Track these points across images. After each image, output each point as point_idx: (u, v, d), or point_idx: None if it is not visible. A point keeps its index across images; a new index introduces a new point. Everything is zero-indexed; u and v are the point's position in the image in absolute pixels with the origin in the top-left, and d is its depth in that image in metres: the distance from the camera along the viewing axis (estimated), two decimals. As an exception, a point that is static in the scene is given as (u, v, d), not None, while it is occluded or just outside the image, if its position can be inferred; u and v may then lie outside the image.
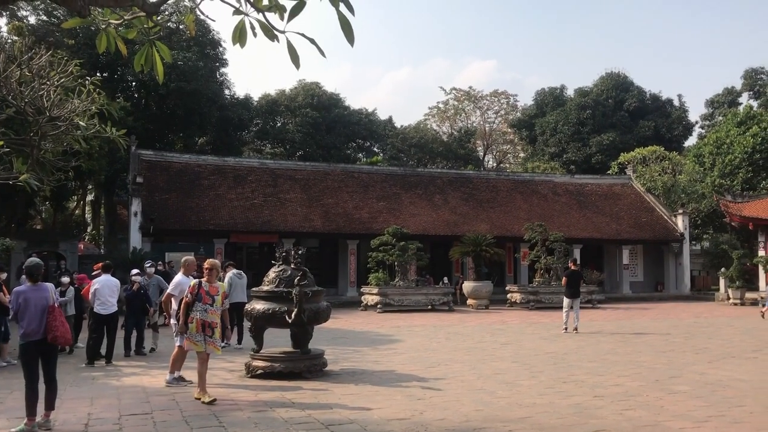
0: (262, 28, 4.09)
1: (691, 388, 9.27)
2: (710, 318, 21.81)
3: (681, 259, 34.88)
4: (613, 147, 49.46)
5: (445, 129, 60.61)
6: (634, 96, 54.00)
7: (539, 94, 59.08)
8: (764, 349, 13.58)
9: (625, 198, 37.27)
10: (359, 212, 30.91)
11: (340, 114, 51.00)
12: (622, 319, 21.22)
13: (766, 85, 55.81)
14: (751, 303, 27.62)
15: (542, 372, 10.66)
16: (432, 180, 34.95)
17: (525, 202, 34.74)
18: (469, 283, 26.90)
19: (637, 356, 12.52)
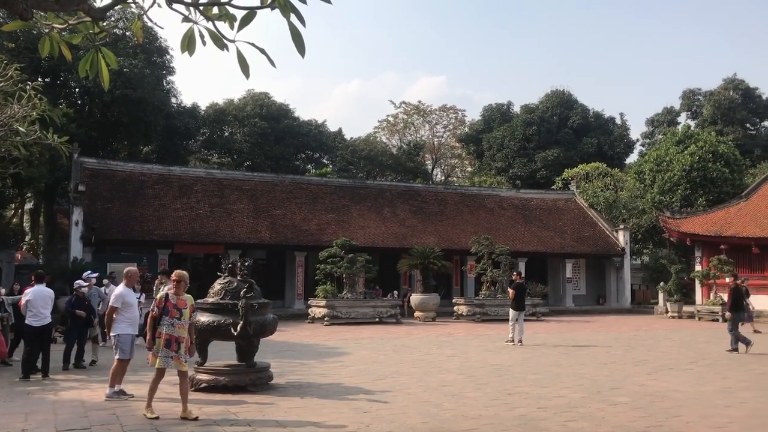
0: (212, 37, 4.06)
1: (631, 400, 9.49)
2: (650, 331, 22.38)
3: (622, 273, 35.77)
4: (557, 163, 50.54)
5: (394, 142, 60.99)
6: (578, 114, 55.35)
7: (487, 109, 60.02)
8: (700, 361, 14.01)
9: (569, 213, 38.07)
10: (308, 224, 30.76)
11: (290, 125, 50.78)
12: (565, 332, 21.60)
13: (703, 105, 57.94)
14: (688, 316, 28.49)
15: (487, 384, 10.76)
16: (381, 192, 35.05)
17: (472, 216, 35.14)
18: (417, 295, 27.03)
19: (579, 368, 12.75)
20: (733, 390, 10.40)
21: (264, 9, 3.88)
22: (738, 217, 30.17)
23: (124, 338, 9.58)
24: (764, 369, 12.90)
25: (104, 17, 4.49)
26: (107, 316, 9.95)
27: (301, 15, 3.86)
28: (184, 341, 8.37)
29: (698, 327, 24.16)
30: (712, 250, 29.91)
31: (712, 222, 30.75)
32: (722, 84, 57.65)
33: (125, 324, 9.66)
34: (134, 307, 9.96)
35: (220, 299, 10.07)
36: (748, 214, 29.96)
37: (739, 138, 51.83)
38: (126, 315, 9.70)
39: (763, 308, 27.79)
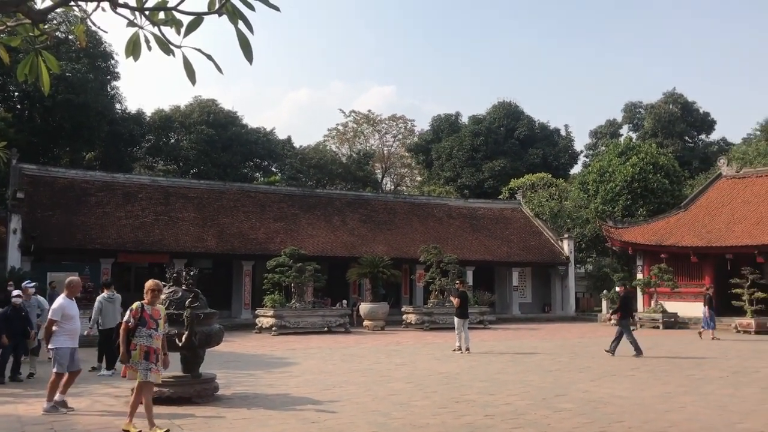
0: (158, 42, 3.99)
1: (576, 406, 9.66)
2: (593, 338, 22.85)
3: (567, 281, 36.48)
4: (504, 173, 51.31)
5: (344, 151, 60.97)
6: (524, 125, 56.35)
7: (435, 120, 60.61)
8: (641, 368, 14.37)
9: (515, 222, 38.67)
10: (255, 232, 30.44)
11: (237, 132, 50.24)
12: (511, 339, 21.88)
13: (644, 118, 59.70)
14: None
15: (435, 392, 10.81)
16: (330, 201, 34.97)
17: (421, 225, 35.36)
18: (366, 304, 27.01)
19: (525, 375, 12.93)
20: (672, 395, 10.70)
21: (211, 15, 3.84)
22: (677, 226, 31.13)
23: (63, 352, 9.30)
24: (702, 374, 13.31)
25: (45, 20, 4.37)
26: (46, 328, 9.63)
27: (248, 22, 3.83)
28: (161, 352, 8.19)
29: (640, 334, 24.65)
30: (653, 259, 30.77)
31: (653, 231, 31.65)
32: (662, 98, 59.52)
33: (64, 337, 9.37)
34: (75, 319, 9.67)
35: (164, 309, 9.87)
36: (686, 224, 30.95)
37: (678, 150, 53.58)
38: (66, 327, 9.42)
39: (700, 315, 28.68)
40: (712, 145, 59.17)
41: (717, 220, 29.95)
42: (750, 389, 11.37)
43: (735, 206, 30.59)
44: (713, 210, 31.12)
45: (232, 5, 3.78)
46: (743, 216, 29.26)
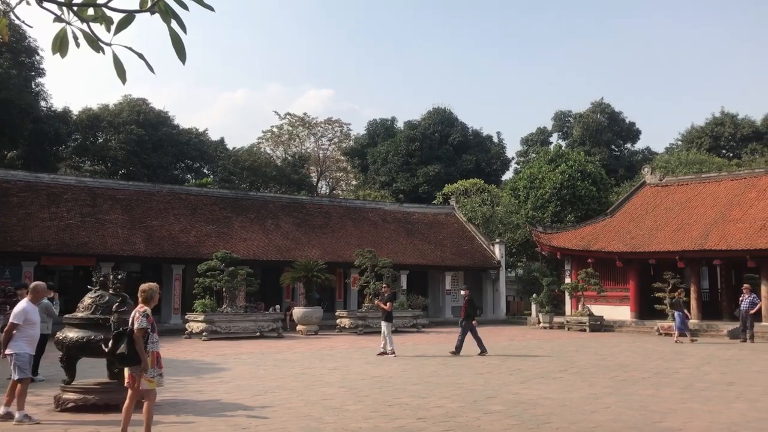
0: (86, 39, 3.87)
1: (506, 408, 9.85)
2: (523, 341, 23.35)
3: (498, 285, 37.14)
4: (438, 178, 51.91)
5: (279, 153, 60.44)
6: (458, 131, 57.16)
7: (371, 124, 60.83)
8: (569, 369, 14.77)
9: (449, 227, 39.16)
10: (186, 236, 29.82)
11: (169, 132, 49.16)
12: (444, 343, 22.10)
13: (573, 127, 61.42)
14: (558, 326, 29.97)
15: (368, 396, 10.83)
16: (264, 204, 34.59)
17: (356, 229, 35.38)
18: (299, 308, 26.82)
19: (457, 378, 13.10)
20: (598, 396, 11.04)
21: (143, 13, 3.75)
22: (604, 232, 32.14)
23: (23, 357, 8.95)
24: (626, 376, 13.77)
25: (-36, 12, 4.18)
26: (6, 332, 9.18)
27: (182, 21, 3.76)
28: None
29: (568, 337, 25.47)
30: (581, 264, 31.66)
31: (581, 237, 32.58)
32: (590, 107, 61.36)
33: (24, 342, 9.00)
34: (37, 325, 9.31)
35: (90, 314, 9.58)
36: (612, 230, 31.99)
37: (605, 158, 55.32)
38: (27, 332, 9.05)
39: (624, 318, 29.76)
40: (637, 154, 61.36)
41: (641, 227, 31.06)
42: (670, 389, 11.83)
43: (658, 213, 31.80)
44: (637, 217, 32.27)
45: (165, 4, 3.71)
46: (665, 222, 30.45)
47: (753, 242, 25.75)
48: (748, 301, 22.93)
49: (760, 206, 28.15)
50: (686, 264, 28.48)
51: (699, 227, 28.59)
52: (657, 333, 25.91)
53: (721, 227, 27.82)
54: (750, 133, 57.10)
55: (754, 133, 56.97)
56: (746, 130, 57.37)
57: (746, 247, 25.79)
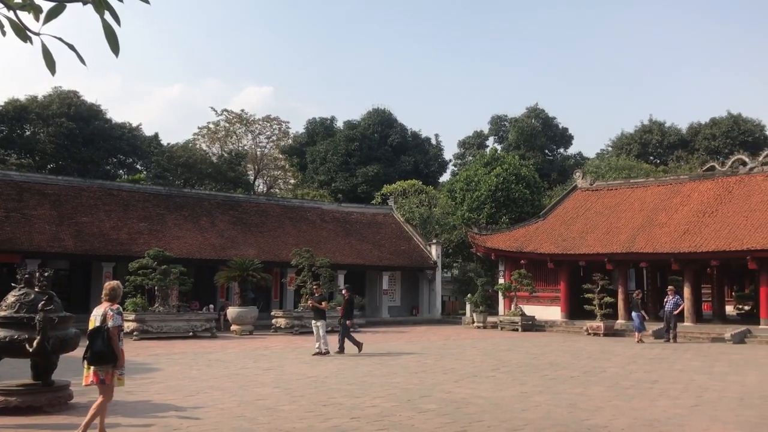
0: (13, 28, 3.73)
1: (439, 407, 9.98)
2: (458, 340, 23.66)
3: (434, 285, 37.53)
4: (377, 179, 52.11)
5: (215, 150, 59.40)
6: (397, 132, 57.50)
7: (311, 123, 60.58)
8: (501, 368, 15.06)
9: (387, 227, 39.34)
10: (117, 233, 29.02)
11: (101, 127, 47.73)
12: (380, 342, 22.22)
13: (509, 131, 62.64)
14: (492, 326, 30.48)
15: (303, 396, 10.79)
16: (199, 202, 33.97)
17: (294, 228, 35.13)
18: (234, 308, 26.47)
19: (392, 377, 13.18)
20: (529, 394, 11.30)
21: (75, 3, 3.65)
22: (536, 234, 32.87)
23: None
24: (556, 374, 14.13)
25: None
26: None
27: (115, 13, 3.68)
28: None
29: (501, 336, 25.94)
30: (514, 265, 32.30)
31: (514, 239, 33.23)
32: (525, 112, 62.72)
33: None
34: None
35: (14, 312, 9.22)
36: (545, 232, 32.75)
37: (538, 162, 56.67)
38: None
39: (555, 318, 30.52)
40: (569, 158, 63.03)
41: (572, 229, 31.91)
42: (598, 388, 12.21)
43: (588, 216, 32.74)
44: (569, 220, 33.14)
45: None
46: (595, 226, 31.38)
47: (677, 246, 26.80)
48: (672, 302, 23.83)
49: (684, 211, 29.32)
50: (614, 266, 29.40)
51: (627, 231, 29.56)
52: (586, 333, 26.65)
53: (647, 231, 28.83)
54: (676, 140, 59.48)
55: (679, 141, 59.36)
56: (672, 138, 59.73)
57: (671, 250, 26.81)
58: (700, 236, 26.75)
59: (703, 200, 29.53)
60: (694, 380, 13.40)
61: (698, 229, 27.35)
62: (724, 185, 29.92)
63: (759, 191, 28.20)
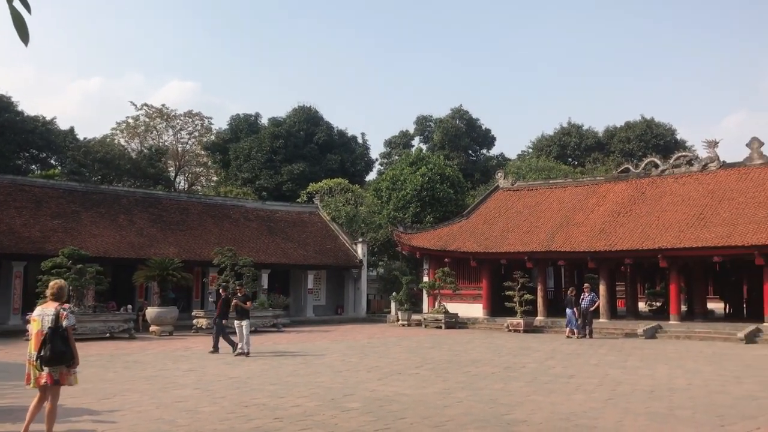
0: None
1: (363, 405, 9.99)
2: (382, 338, 23.78)
3: (359, 283, 37.59)
4: (303, 177, 51.76)
5: (134, 146, 57.55)
6: (323, 130, 57.27)
7: (234, 119, 59.56)
8: (425, 366, 15.22)
9: (312, 226, 39.12)
10: (29, 230, 27.72)
11: (11, 119, 45.54)
12: (305, 342, 22.08)
13: (434, 131, 63.42)
14: (416, 324, 30.78)
15: (225, 397, 10.60)
16: (117, 199, 32.85)
17: (216, 226, 34.45)
18: (153, 308, 25.75)
19: (316, 377, 13.12)
20: (451, 391, 11.46)
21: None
22: (460, 233, 33.40)
23: None
24: (477, 371, 14.40)
25: None
26: None
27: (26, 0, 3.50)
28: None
29: (425, 334, 26.22)
30: (438, 263, 32.73)
31: (439, 237, 33.66)
32: (450, 113, 63.64)
33: None
34: None
35: None
36: (468, 231, 33.31)
37: (462, 162, 57.66)
38: None
39: (478, 315, 31.10)
40: (492, 159, 64.37)
41: (494, 228, 32.58)
42: (518, 383, 12.51)
43: (509, 216, 33.50)
44: (491, 219, 33.82)
45: (5, -21, 3.44)
46: (516, 225, 32.14)
47: (593, 245, 27.76)
48: (588, 299, 24.69)
49: (599, 211, 30.40)
50: (534, 264, 30.20)
51: (546, 230, 30.41)
52: (507, 329, 27.26)
53: (565, 230, 29.75)
54: (593, 143, 61.67)
55: (596, 144, 61.59)
56: (590, 141, 61.91)
57: (587, 249, 27.75)
58: (614, 235, 27.80)
59: (618, 201, 30.69)
60: (609, 374, 13.91)
61: (613, 228, 28.42)
62: (638, 186, 31.19)
63: (670, 192, 29.53)
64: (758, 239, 23.35)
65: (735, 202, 26.46)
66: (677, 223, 26.67)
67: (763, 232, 23.62)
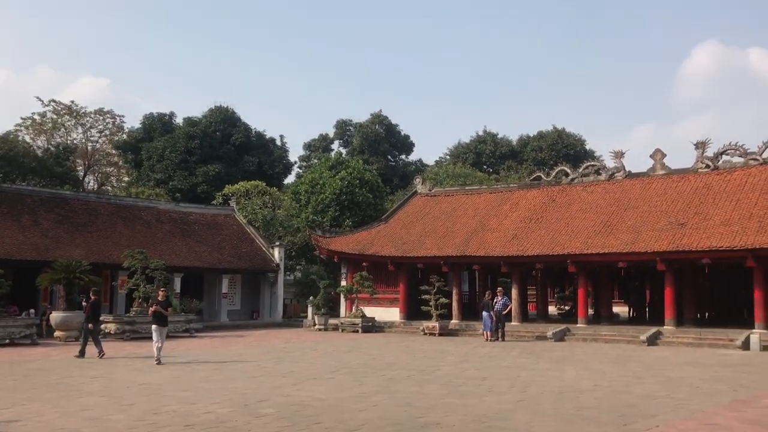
0: None
1: (277, 410, 9.88)
2: (298, 343, 23.60)
3: (276, 288, 37.16)
4: (218, 178, 50.74)
5: (40, 143, 54.84)
6: (240, 131, 56.34)
7: (148, 118, 57.73)
8: (341, 370, 15.20)
9: (228, 228, 38.42)
10: None
11: None
12: (218, 347, 21.65)
13: (354, 136, 63.55)
14: (333, 328, 30.70)
15: (133, 405, 10.26)
16: (20, 198, 31.24)
17: (127, 228, 33.31)
18: (58, 313, 24.62)
19: (229, 383, 12.88)
20: (367, 395, 11.49)
21: None
22: (378, 237, 33.57)
23: None
24: (393, 374, 14.49)
25: None
26: None
27: None
28: None
29: (341, 338, 26.20)
30: (356, 267, 32.77)
31: (357, 241, 33.72)
32: (370, 118, 63.92)
33: None
34: None
35: None
36: (386, 236, 33.53)
37: (381, 167, 57.99)
38: None
39: (394, 319, 31.32)
40: (410, 165, 65.05)
41: (411, 233, 32.93)
42: (432, 386, 12.67)
43: (427, 221, 33.94)
44: (409, 223, 34.17)
45: None
46: (433, 230, 32.59)
47: (506, 249, 28.47)
48: (501, 302, 25.32)
49: (512, 217, 31.23)
50: (450, 268, 30.70)
51: (461, 235, 30.98)
52: (423, 333, 27.58)
53: (480, 236, 30.39)
54: (507, 151, 63.37)
55: (510, 152, 63.31)
56: (504, 149, 63.60)
57: (500, 253, 28.44)
58: (526, 241, 28.61)
59: (530, 207, 31.61)
60: (520, 376, 14.29)
61: (525, 234, 29.24)
62: (549, 194, 32.22)
63: (578, 200, 30.66)
64: (660, 246, 24.56)
65: (639, 211, 27.73)
66: (585, 230, 27.71)
67: (664, 239, 24.86)
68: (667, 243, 24.54)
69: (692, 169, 29.06)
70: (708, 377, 14.24)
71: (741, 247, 22.74)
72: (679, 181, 28.82)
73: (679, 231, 24.97)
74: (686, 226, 25.12)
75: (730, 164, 28.43)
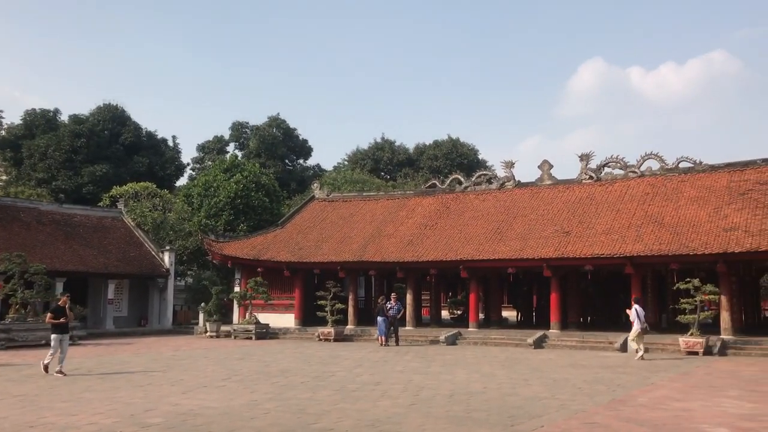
0: None
1: (165, 420, 9.54)
2: (189, 350, 22.91)
3: (165, 294, 35.93)
4: (106, 179, 48.62)
5: None
6: (130, 131, 54.28)
7: (29, 114, 54.55)
8: (232, 377, 14.88)
9: (116, 231, 36.83)
10: None
11: None
12: (103, 355, 20.68)
13: (250, 138, 62.60)
14: (225, 335, 30.02)
15: (6, 418, 9.63)
16: None
17: (4, 230, 31.25)
18: None
19: (114, 392, 12.33)
20: (259, 402, 11.30)
21: None
22: (274, 243, 33.16)
23: None
24: (287, 381, 14.34)
25: None
26: None
27: None
28: None
29: (234, 345, 25.65)
30: (251, 273, 32.20)
31: (252, 246, 33.17)
32: (267, 121, 63.22)
33: None
34: None
35: None
36: (282, 241, 33.17)
37: (279, 171, 57.39)
38: None
39: (289, 325, 31.03)
40: (308, 169, 64.85)
41: (308, 238, 32.75)
42: (326, 391, 12.62)
43: (324, 226, 33.87)
44: (306, 229, 33.98)
45: None
46: (330, 235, 32.56)
47: (402, 255, 28.85)
48: (396, 308, 25.63)
49: (408, 224, 31.70)
50: (347, 274, 30.76)
51: (358, 240, 31.13)
52: (318, 339, 27.47)
53: (377, 241, 30.65)
54: (404, 159, 64.40)
55: (407, 159, 64.38)
56: (401, 156, 64.59)
57: (396, 259, 28.78)
58: (421, 247, 29.11)
59: (426, 214, 32.20)
60: (413, 380, 14.49)
61: (420, 240, 29.75)
62: (443, 201, 32.95)
63: (471, 208, 31.52)
64: (546, 253, 25.64)
65: (527, 219, 28.84)
66: (477, 237, 28.52)
67: (550, 246, 25.97)
68: (552, 250, 25.64)
69: (577, 180, 30.54)
70: (589, 378, 14.97)
71: (620, 255, 24.09)
72: (565, 191, 30.22)
73: (564, 239, 26.16)
74: (571, 234, 26.35)
75: (611, 176, 30.12)
